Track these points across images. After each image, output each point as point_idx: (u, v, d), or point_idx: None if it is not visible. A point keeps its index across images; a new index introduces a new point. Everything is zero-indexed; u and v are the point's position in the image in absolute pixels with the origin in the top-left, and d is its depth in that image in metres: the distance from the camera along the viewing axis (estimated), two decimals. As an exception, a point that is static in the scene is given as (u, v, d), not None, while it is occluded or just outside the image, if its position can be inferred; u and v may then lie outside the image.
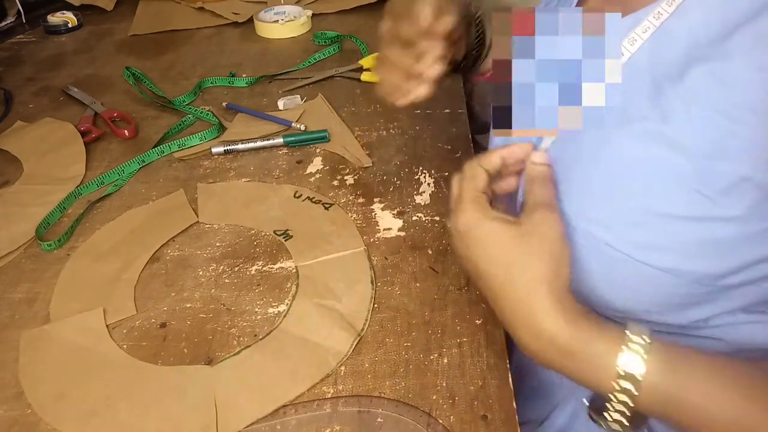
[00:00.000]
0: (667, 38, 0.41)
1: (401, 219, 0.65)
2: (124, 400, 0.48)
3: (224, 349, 0.52)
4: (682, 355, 0.39)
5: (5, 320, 0.56)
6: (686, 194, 0.39)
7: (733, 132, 0.37)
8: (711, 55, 0.38)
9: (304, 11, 1.08)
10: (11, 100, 0.92)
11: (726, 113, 0.38)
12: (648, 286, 0.43)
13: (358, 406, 0.47)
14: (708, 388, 0.38)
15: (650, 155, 0.41)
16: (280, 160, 0.75)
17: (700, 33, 0.39)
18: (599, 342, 0.39)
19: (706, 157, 0.38)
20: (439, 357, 0.50)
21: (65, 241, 0.64)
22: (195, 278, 0.59)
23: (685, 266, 0.41)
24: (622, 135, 0.42)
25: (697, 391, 0.38)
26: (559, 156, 0.47)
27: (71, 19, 1.13)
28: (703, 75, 0.39)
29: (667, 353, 0.39)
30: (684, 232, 0.40)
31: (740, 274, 0.41)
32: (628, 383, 0.38)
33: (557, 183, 0.46)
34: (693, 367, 0.39)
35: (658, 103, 0.41)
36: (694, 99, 0.39)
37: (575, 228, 0.45)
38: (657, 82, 0.41)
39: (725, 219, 0.39)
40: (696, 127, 0.39)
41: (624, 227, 0.42)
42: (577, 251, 0.45)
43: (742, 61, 0.37)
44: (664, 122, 0.40)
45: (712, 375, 0.39)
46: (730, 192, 0.38)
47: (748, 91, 0.37)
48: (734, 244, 0.39)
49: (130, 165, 0.74)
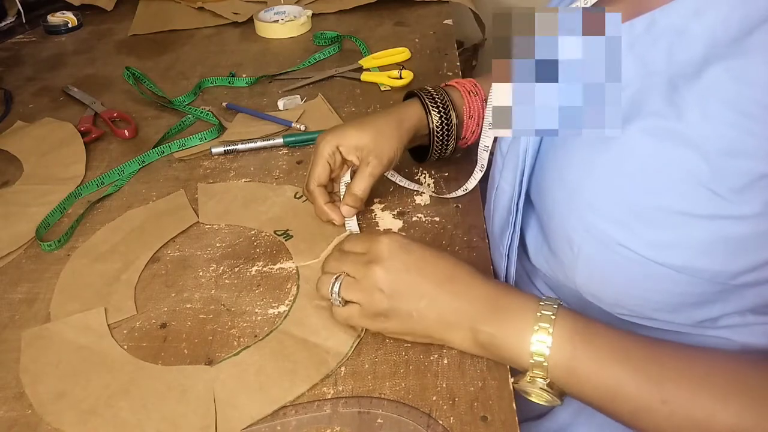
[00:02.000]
0: (685, 39, 0.41)
1: (401, 220, 0.65)
2: (125, 400, 0.48)
3: (224, 349, 0.52)
4: (590, 336, 0.43)
5: (5, 320, 0.56)
6: (700, 192, 0.39)
7: (750, 129, 0.37)
8: (729, 53, 0.38)
9: (304, 11, 1.08)
10: (11, 100, 0.92)
11: (743, 111, 0.38)
12: (660, 285, 0.43)
13: (358, 407, 0.47)
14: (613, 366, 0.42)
15: (664, 153, 0.41)
16: (280, 161, 0.75)
17: (719, 32, 0.39)
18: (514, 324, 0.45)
19: (721, 154, 0.38)
20: (439, 358, 0.50)
21: (65, 242, 0.64)
22: (195, 279, 0.59)
23: (698, 264, 0.41)
24: (634, 132, 0.42)
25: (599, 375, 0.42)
26: (571, 153, 0.47)
27: (71, 19, 1.13)
28: (720, 73, 0.39)
29: (572, 336, 0.43)
30: (698, 230, 0.40)
31: (753, 273, 0.41)
32: (539, 360, 0.43)
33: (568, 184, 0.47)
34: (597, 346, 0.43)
35: (673, 100, 0.41)
36: (710, 96, 0.39)
37: (588, 228, 0.45)
38: (673, 82, 0.41)
39: (740, 217, 0.39)
40: (712, 125, 0.39)
41: (637, 226, 0.42)
42: (589, 252, 0.45)
43: (760, 58, 0.37)
44: (679, 120, 0.40)
45: (618, 353, 0.43)
46: (745, 190, 0.38)
47: (765, 89, 0.37)
48: (748, 242, 0.39)
49: (130, 165, 0.74)
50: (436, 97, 0.65)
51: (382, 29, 1.06)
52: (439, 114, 0.64)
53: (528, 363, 0.44)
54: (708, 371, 0.41)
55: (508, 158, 0.53)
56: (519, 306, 0.46)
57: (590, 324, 0.44)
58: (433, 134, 0.65)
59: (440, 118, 0.64)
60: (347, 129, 0.62)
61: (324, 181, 0.62)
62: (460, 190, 0.66)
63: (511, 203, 0.52)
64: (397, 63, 0.93)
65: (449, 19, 1.08)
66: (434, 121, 0.64)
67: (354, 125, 0.62)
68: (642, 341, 0.44)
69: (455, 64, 0.93)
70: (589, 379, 0.43)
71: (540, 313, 0.44)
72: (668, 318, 0.46)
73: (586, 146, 0.45)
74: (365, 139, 0.61)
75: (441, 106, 0.64)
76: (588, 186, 0.45)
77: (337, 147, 0.61)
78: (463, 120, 0.66)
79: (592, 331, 0.44)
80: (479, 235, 0.62)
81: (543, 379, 0.44)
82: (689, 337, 0.47)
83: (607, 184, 0.44)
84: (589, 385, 0.43)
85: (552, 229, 0.49)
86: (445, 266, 0.49)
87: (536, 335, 0.43)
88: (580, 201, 0.45)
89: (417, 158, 0.71)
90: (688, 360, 0.42)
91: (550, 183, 0.49)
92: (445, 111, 0.64)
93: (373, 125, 0.62)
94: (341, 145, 0.61)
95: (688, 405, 0.40)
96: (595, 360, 0.42)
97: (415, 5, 1.13)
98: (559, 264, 0.50)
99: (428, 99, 0.65)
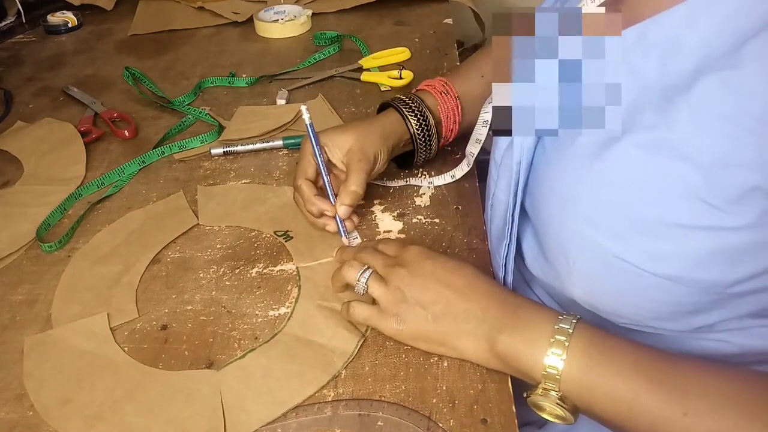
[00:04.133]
0: (677, 50, 0.40)
1: (401, 221, 0.65)
2: (130, 404, 0.48)
3: (225, 351, 0.52)
4: (607, 349, 0.43)
5: (6, 322, 0.56)
6: (695, 204, 0.39)
7: (744, 140, 0.37)
8: (723, 64, 0.38)
9: (304, 11, 1.08)
10: (11, 100, 0.92)
11: (736, 122, 0.37)
12: (657, 295, 0.43)
13: (358, 410, 0.47)
14: (632, 377, 0.41)
15: (658, 165, 0.40)
16: (280, 161, 0.75)
17: (713, 42, 0.39)
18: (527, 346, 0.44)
19: (714, 166, 0.38)
20: (439, 360, 0.50)
21: (66, 242, 0.64)
22: (196, 280, 0.59)
23: (694, 275, 0.41)
24: (628, 144, 0.42)
25: (616, 386, 0.41)
26: (564, 165, 0.47)
27: (71, 19, 1.13)
28: (713, 84, 0.38)
29: (588, 348, 0.43)
30: (693, 241, 0.40)
31: (749, 282, 0.41)
32: (552, 373, 0.43)
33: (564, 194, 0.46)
34: (615, 358, 0.42)
35: (666, 112, 0.40)
36: (703, 108, 0.39)
37: (584, 240, 0.45)
38: (666, 93, 0.41)
39: (734, 228, 0.39)
40: (704, 136, 0.38)
41: (632, 237, 0.42)
42: (584, 263, 0.45)
43: (754, 69, 0.37)
44: (671, 131, 0.40)
45: (638, 365, 0.42)
46: (740, 201, 0.38)
47: (760, 99, 0.37)
48: (743, 253, 0.39)
49: (130, 166, 0.74)
50: (410, 104, 0.66)
51: (382, 29, 1.06)
52: (417, 118, 0.66)
53: (541, 375, 0.43)
54: (732, 386, 0.40)
55: (503, 169, 0.53)
56: (538, 318, 0.45)
57: (609, 338, 0.43)
58: (415, 138, 0.66)
59: (418, 121, 0.66)
60: (329, 130, 0.63)
61: (311, 176, 0.62)
62: (460, 168, 0.67)
63: (507, 214, 0.52)
64: (397, 63, 0.93)
65: (449, 19, 1.08)
66: (413, 126, 0.66)
67: (336, 128, 0.64)
68: (663, 355, 0.42)
69: (455, 64, 0.93)
70: (605, 391, 0.41)
71: (558, 326, 0.44)
72: (666, 326, 0.46)
73: (580, 158, 0.45)
74: (349, 139, 0.62)
75: (417, 111, 0.66)
76: (582, 198, 0.45)
77: (321, 145, 0.62)
78: (441, 120, 0.68)
79: (611, 344, 0.43)
80: (479, 237, 0.62)
81: (555, 392, 0.43)
82: (689, 341, 0.47)
83: (602, 197, 0.44)
84: (606, 397, 0.41)
85: (547, 240, 0.49)
86: (466, 275, 0.49)
87: (552, 348, 0.43)
88: (574, 213, 0.45)
89: (403, 165, 0.72)
90: (711, 374, 0.40)
91: (544, 195, 0.49)
92: (422, 115, 0.66)
93: (355, 128, 0.63)
94: (325, 144, 0.62)
95: (710, 418, 0.38)
96: (612, 372, 0.41)
97: (415, 5, 1.13)
98: (555, 273, 0.50)
99: (403, 106, 0.66)
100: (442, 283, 0.48)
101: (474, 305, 0.47)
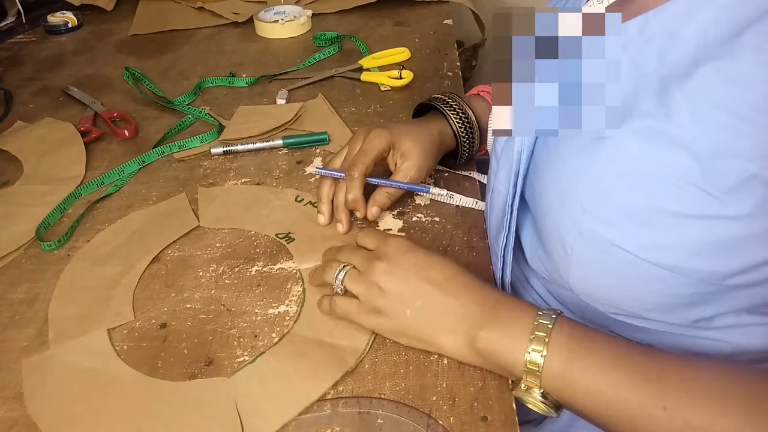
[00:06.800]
0: (676, 40, 0.41)
1: (401, 220, 0.65)
2: (144, 420, 0.46)
3: (224, 350, 0.52)
4: (587, 343, 0.43)
5: (5, 320, 0.56)
6: (692, 193, 0.39)
7: (741, 130, 0.37)
8: (719, 54, 0.38)
9: (304, 11, 1.08)
10: (11, 100, 0.92)
11: (733, 111, 0.37)
12: (653, 285, 0.43)
13: (358, 407, 0.47)
14: (612, 372, 0.41)
15: (655, 154, 0.41)
16: (280, 161, 0.75)
17: (710, 33, 0.39)
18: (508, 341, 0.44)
19: (711, 155, 0.38)
20: (439, 358, 0.50)
21: (65, 242, 0.64)
22: (195, 279, 0.59)
23: (690, 265, 0.41)
24: (627, 133, 0.42)
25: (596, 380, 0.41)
26: (564, 155, 0.47)
27: (71, 19, 1.13)
28: (710, 73, 0.38)
29: (569, 342, 0.43)
30: (691, 230, 0.40)
31: (746, 274, 0.41)
32: (533, 369, 0.43)
33: (562, 184, 0.46)
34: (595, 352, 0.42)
35: (664, 101, 0.41)
36: (700, 97, 0.39)
37: (581, 229, 0.45)
38: (664, 83, 0.41)
39: (731, 217, 0.39)
40: (702, 125, 0.39)
41: (630, 226, 0.42)
42: (582, 252, 0.45)
43: (750, 59, 0.37)
44: (670, 120, 0.40)
45: (618, 360, 0.41)
46: (737, 190, 0.38)
47: (756, 89, 0.37)
48: (741, 242, 0.39)
49: (130, 165, 0.74)
50: (454, 106, 0.67)
51: (382, 29, 1.06)
52: (460, 119, 0.67)
53: (521, 371, 0.43)
54: (710, 378, 0.40)
55: (503, 160, 0.53)
56: (518, 314, 0.45)
57: (589, 332, 0.44)
58: (459, 138, 0.67)
59: (462, 123, 0.67)
60: (402, 135, 0.63)
61: (370, 171, 0.61)
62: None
63: (506, 204, 0.52)
64: (397, 63, 0.93)
65: (449, 19, 1.08)
66: (456, 125, 0.66)
67: (407, 132, 0.63)
68: (642, 350, 0.43)
69: (455, 64, 0.93)
70: (585, 386, 0.41)
71: (537, 322, 0.44)
72: (662, 318, 0.46)
73: (579, 148, 0.46)
74: (415, 151, 0.62)
75: (461, 113, 0.67)
76: (581, 187, 0.45)
77: (389, 146, 0.62)
78: (485, 127, 0.68)
79: (591, 338, 0.43)
80: (479, 236, 0.62)
81: (537, 388, 0.43)
82: (684, 338, 0.47)
83: (600, 186, 0.44)
84: (586, 392, 0.41)
85: (546, 230, 0.49)
86: (447, 269, 0.49)
87: (532, 344, 0.43)
88: (573, 202, 0.45)
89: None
90: (689, 367, 0.41)
91: (543, 184, 0.49)
92: (465, 117, 0.67)
93: (421, 140, 0.63)
94: (394, 146, 0.62)
95: (689, 412, 0.39)
96: (592, 366, 0.41)
97: (415, 5, 1.13)
98: (553, 265, 0.50)
99: (447, 109, 0.67)
100: (422, 278, 0.48)
101: (454, 301, 0.47)
